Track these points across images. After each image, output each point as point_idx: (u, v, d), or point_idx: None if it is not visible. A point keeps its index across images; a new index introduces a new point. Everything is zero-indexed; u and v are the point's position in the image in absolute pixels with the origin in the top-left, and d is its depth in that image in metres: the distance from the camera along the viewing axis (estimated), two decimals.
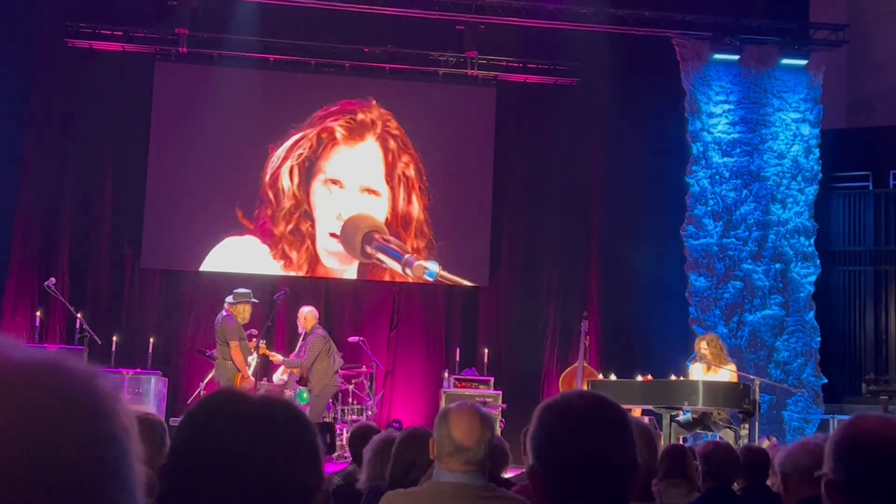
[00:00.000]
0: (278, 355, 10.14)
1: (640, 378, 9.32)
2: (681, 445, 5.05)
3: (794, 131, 12.59)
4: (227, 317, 9.45)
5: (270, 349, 10.23)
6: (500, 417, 10.18)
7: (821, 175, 12.56)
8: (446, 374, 11.27)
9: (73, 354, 0.76)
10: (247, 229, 11.96)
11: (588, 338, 10.63)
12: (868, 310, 12.99)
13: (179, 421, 1.36)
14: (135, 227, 11.88)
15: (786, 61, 12.63)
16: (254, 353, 9.56)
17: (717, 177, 12.46)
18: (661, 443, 6.36)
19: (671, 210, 12.52)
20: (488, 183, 12.49)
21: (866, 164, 13.42)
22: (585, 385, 9.62)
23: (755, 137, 12.54)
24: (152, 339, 11.15)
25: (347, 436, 8.12)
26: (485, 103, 12.58)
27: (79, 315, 10.24)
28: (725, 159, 12.49)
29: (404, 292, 12.42)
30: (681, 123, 12.53)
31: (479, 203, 12.45)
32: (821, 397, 12.20)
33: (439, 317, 12.42)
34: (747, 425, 8.62)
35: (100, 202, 11.91)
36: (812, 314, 12.33)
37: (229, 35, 11.97)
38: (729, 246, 12.39)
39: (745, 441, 8.11)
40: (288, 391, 10.00)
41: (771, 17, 12.72)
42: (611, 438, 1.71)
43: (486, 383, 11.06)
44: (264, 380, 10.22)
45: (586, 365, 10.27)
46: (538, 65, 12.57)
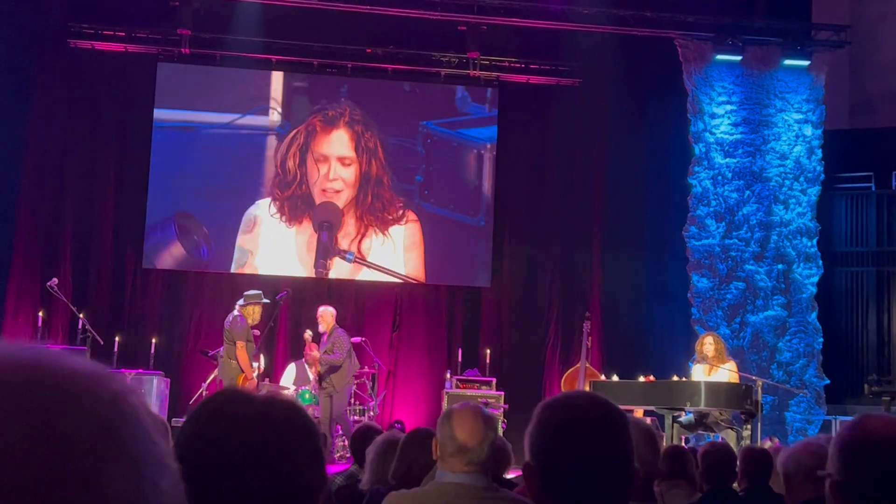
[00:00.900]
0: (315, 352, 10.13)
1: (642, 379, 9.33)
2: (681, 446, 5.06)
3: (796, 132, 12.57)
4: (239, 317, 9.52)
5: (271, 349, 10.22)
6: (502, 418, 10.16)
7: (823, 176, 12.54)
8: (448, 375, 11.25)
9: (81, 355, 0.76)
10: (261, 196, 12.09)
11: (590, 338, 10.60)
12: (870, 311, 12.97)
13: (182, 421, 1.36)
14: (137, 227, 11.89)
15: (788, 62, 12.61)
16: (258, 362, 9.60)
17: (720, 177, 12.45)
18: (664, 444, 6.35)
19: (673, 211, 12.52)
20: (490, 183, 12.50)
21: (869, 165, 13.39)
22: (587, 386, 9.60)
23: (757, 138, 12.53)
24: (154, 340, 11.15)
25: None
26: (486, 103, 12.58)
27: (81, 315, 10.24)
28: (728, 160, 12.48)
29: (407, 293, 12.42)
30: (683, 124, 12.52)
31: (481, 203, 12.45)
32: (823, 398, 12.18)
33: (441, 318, 12.42)
34: (750, 426, 8.61)
35: (102, 202, 11.91)
36: (814, 315, 12.31)
37: (232, 36, 11.98)
38: (731, 247, 12.37)
39: (748, 442, 8.10)
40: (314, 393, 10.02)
41: (773, 17, 12.70)
42: (607, 438, 1.71)
43: (489, 384, 11.03)
44: (266, 380, 10.22)
45: (588, 366, 10.25)
46: (540, 65, 12.57)
